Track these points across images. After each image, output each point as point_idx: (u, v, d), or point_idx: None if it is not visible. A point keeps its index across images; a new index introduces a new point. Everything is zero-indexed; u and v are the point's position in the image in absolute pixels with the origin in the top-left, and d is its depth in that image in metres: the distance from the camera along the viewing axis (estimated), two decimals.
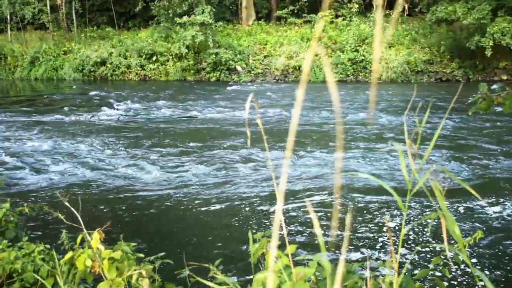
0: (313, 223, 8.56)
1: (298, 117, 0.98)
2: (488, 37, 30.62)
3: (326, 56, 1.00)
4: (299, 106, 1.01)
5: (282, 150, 13.78)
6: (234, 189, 10.61)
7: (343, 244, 1.04)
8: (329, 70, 1.02)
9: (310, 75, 33.99)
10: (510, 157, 12.96)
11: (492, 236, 8.13)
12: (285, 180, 1.06)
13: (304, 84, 1.00)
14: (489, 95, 3.88)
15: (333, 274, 2.40)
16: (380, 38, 1.10)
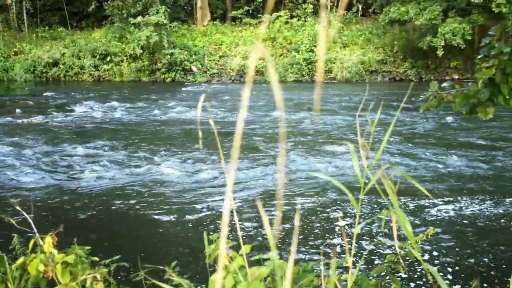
0: (272, 223, 8.58)
1: (244, 118, 0.97)
2: (440, 37, 31.28)
3: (270, 57, 0.99)
4: (245, 106, 1.00)
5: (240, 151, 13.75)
6: (190, 191, 10.56)
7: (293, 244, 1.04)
8: (272, 71, 1.02)
9: (266, 75, 34.09)
10: (461, 155, 13.24)
11: (443, 232, 8.28)
12: (232, 180, 1.05)
13: (249, 85, 0.99)
14: (439, 93, 3.94)
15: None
16: (324, 39, 1.10)
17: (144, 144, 15.01)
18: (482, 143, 14.80)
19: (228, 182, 1.03)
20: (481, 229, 8.47)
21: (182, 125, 18.39)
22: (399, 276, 6.34)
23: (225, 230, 1.03)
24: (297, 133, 16.60)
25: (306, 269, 2.57)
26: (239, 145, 0.99)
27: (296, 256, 1.18)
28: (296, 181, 11.09)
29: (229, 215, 1.05)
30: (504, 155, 13.15)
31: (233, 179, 1.04)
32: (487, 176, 11.46)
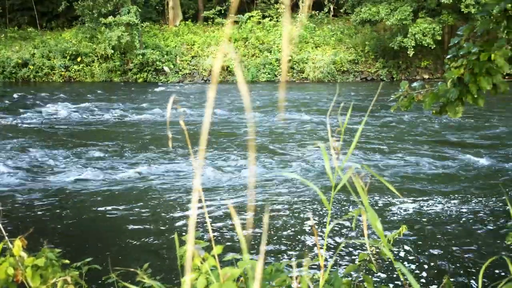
0: (245, 224, 8.58)
1: (210, 117, 0.97)
2: (410, 37, 31.63)
3: (237, 57, 0.98)
4: (211, 106, 0.99)
5: (210, 151, 13.75)
6: (162, 192, 10.50)
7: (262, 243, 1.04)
8: (239, 71, 1.02)
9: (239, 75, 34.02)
10: (431, 154, 13.39)
11: (415, 230, 8.37)
12: (199, 180, 1.04)
13: (214, 85, 0.99)
14: (410, 92, 3.98)
15: (262, 274, 2.40)
16: (287, 40, 1.10)
17: (115, 145, 14.89)
18: (452, 143, 15.00)
19: (195, 184, 1.03)
20: (451, 227, 8.58)
21: (154, 125, 18.30)
22: (372, 275, 6.39)
23: (192, 230, 1.03)
24: (269, 133, 16.63)
25: (279, 269, 2.58)
26: (206, 145, 0.98)
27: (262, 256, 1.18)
28: (267, 181, 11.11)
29: (201, 216, 1.05)
30: (473, 155, 13.33)
31: (200, 180, 1.04)
32: (456, 175, 11.61)
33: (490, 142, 15.00)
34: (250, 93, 17.11)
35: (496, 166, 12.24)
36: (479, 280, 1.92)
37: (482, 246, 7.80)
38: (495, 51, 3.66)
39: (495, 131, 16.72)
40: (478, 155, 13.20)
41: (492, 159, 12.84)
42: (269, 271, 2.40)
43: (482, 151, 13.73)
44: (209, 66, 34.74)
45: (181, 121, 1.26)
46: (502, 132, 16.57)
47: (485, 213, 9.20)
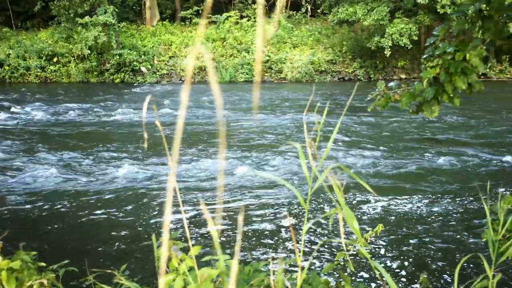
0: (221, 224, 8.56)
1: (184, 118, 0.96)
2: (387, 37, 31.85)
3: (210, 58, 0.98)
4: (185, 107, 0.99)
5: (186, 152, 13.72)
6: (139, 193, 10.45)
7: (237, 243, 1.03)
8: (211, 71, 1.01)
9: (217, 75, 34.03)
10: (407, 153, 13.50)
11: (392, 229, 8.43)
12: (174, 180, 1.04)
13: (188, 86, 0.99)
14: (386, 92, 4.00)
15: (239, 274, 2.39)
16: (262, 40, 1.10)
17: (92, 146, 14.77)
18: (428, 142, 15.12)
19: (169, 185, 1.02)
20: (428, 225, 8.65)
21: (131, 126, 18.19)
22: (350, 273, 6.42)
23: (167, 230, 1.02)
24: (246, 133, 16.64)
25: (257, 269, 2.57)
26: (184, 146, 0.98)
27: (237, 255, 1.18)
28: (244, 181, 11.11)
29: (179, 217, 1.04)
30: (449, 153, 13.46)
31: (175, 181, 1.03)
32: (433, 173, 11.71)
33: (466, 140, 15.16)
34: (228, 93, 17.18)
35: (472, 165, 12.38)
36: (455, 277, 1.93)
37: (458, 243, 7.88)
38: (470, 51, 3.70)
39: (470, 130, 16.90)
40: (454, 154, 13.33)
41: (468, 157, 12.99)
42: (247, 271, 2.40)
43: (458, 149, 13.87)
44: (187, 66, 34.61)
45: (157, 122, 1.25)
46: (477, 131, 16.76)
47: (461, 211, 9.30)
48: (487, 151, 13.65)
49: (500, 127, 17.34)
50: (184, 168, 12.12)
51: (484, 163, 12.52)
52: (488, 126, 17.58)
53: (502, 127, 17.33)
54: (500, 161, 12.66)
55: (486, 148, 14.01)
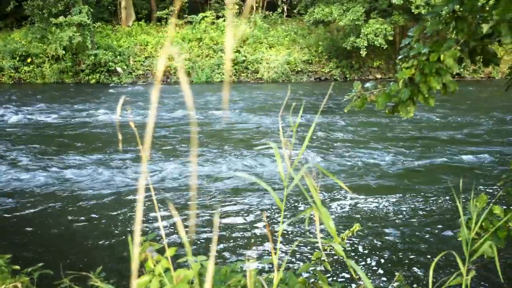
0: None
1: (154, 118, 0.97)
2: (363, 37, 32.07)
3: (181, 58, 0.99)
4: (155, 107, 0.99)
5: (161, 153, 13.68)
6: (114, 194, 10.39)
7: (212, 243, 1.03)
8: (182, 72, 1.02)
9: (192, 76, 34.00)
10: (384, 152, 13.60)
11: (368, 228, 8.49)
12: (145, 180, 1.04)
13: (158, 86, 0.99)
14: (362, 93, 4.03)
15: (216, 274, 2.40)
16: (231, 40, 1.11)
17: (66, 147, 14.65)
18: (403, 141, 15.25)
19: (140, 186, 1.03)
20: (404, 224, 8.73)
21: (106, 127, 18.07)
22: (327, 273, 6.45)
23: (138, 231, 1.02)
24: (222, 134, 16.64)
25: (234, 269, 2.58)
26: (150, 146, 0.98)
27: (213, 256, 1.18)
28: (220, 182, 11.11)
29: (155, 218, 1.04)
30: (424, 152, 13.60)
31: (145, 182, 1.03)
32: (408, 172, 11.83)
33: (440, 139, 15.32)
34: (204, 94, 17.17)
35: (446, 163, 12.52)
36: (429, 275, 1.96)
37: (433, 241, 7.96)
38: (444, 52, 3.74)
39: (444, 129, 17.08)
40: (428, 152, 13.47)
41: (442, 156, 13.13)
42: (224, 272, 2.40)
43: (432, 148, 14.02)
44: (163, 66, 34.47)
45: (131, 122, 1.25)
46: (451, 129, 16.94)
47: (436, 209, 9.40)
48: (461, 149, 13.81)
49: (473, 126, 17.55)
50: (158, 169, 12.08)
51: (458, 161, 12.67)
52: (462, 125, 17.79)
53: (475, 126, 17.55)
54: (473, 159, 12.81)
55: (459, 146, 14.17)
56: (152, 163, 12.56)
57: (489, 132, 16.48)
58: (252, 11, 39.65)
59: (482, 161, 12.73)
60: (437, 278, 2.26)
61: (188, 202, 9.84)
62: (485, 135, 16.00)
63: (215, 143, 14.99)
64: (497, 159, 12.83)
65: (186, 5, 39.33)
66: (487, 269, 6.64)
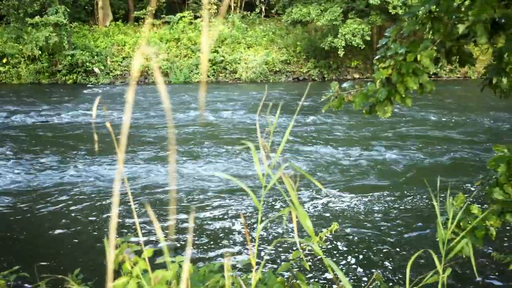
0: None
1: (129, 119, 0.96)
2: (340, 38, 32.21)
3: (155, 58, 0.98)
4: (130, 107, 0.99)
5: (138, 153, 13.62)
6: (91, 195, 10.31)
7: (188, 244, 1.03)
8: (157, 72, 1.01)
9: (170, 76, 33.90)
10: (361, 152, 13.68)
11: (346, 227, 8.53)
12: (119, 182, 1.04)
13: (133, 86, 0.99)
14: (340, 93, 4.05)
15: (195, 275, 2.39)
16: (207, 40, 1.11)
17: (42, 148, 14.50)
18: (381, 140, 15.35)
19: (115, 187, 1.02)
20: (381, 222, 8.79)
21: (82, 128, 17.92)
22: (306, 272, 6.47)
23: (113, 233, 1.02)
24: (200, 134, 16.60)
25: (213, 270, 2.58)
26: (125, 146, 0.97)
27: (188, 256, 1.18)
28: (198, 182, 11.09)
29: (132, 219, 1.03)
30: (402, 151, 13.70)
31: (121, 183, 1.03)
32: (386, 171, 11.90)
33: (419, 139, 15.44)
34: (181, 94, 17.08)
35: (424, 161, 12.62)
36: (407, 273, 1.97)
37: (411, 240, 8.02)
38: (421, 52, 3.77)
39: (421, 127, 17.22)
40: (407, 152, 13.57)
41: (421, 155, 13.24)
42: (202, 272, 2.40)
43: (411, 147, 14.12)
44: (141, 67, 34.30)
45: (107, 123, 1.24)
46: (428, 128, 17.09)
47: (414, 208, 9.48)
48: (438, 149, 13.94)
49: (450, 125, 17.72)
50: (135, 170, 12.02)
51: (436, 160, 12.78)
52: (439, 124, 17.95)
53: (452, 125, 17.72)
54: (451, 158, 12.94)
55: (437, 146, 14.30)
56: (129, 164, 12.50)
57: (466, 132, 16.66)
58: (230, 11, 39.61)
59: (461, 160, 12.86)
60: (415, 277, 2.29)
61: (166, 203, 9.80)
62: (462, 135, 16.16)
63: (193, 144, 14.95)
64: (475, 159, 12.97)
65: (163, 5, 39.18)
66: (463, 267, 6.72)
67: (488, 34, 3.80)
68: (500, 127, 17.51)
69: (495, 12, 3.63)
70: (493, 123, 18.25)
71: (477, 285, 6.52)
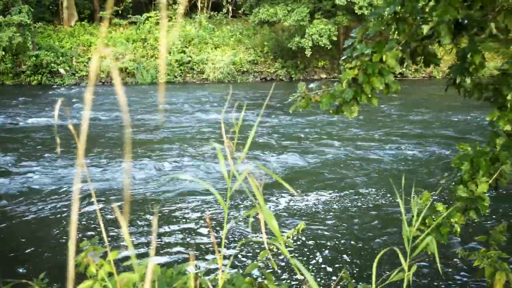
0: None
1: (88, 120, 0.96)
2: (307, 38, 32.36)
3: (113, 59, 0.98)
4: (88, 108, 0.98)
5: (101, 155, 13.50)
6: (53, 197, 10.18)
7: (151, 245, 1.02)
8: (116, 74, 1.01)
9: (137, 76, 33.67)
10: (327, 151, 13.77)
11: (314, 226, 8.58)
12: (78, 185, 1.03)
13: (92, 87, 0.98)
14: (307, 93, 4.07)
15: (162, 277, 2.38)
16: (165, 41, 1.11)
17: (4, 150, 14.27)
18: (346, 140, 15.47)
19: (74, 189, 1.02)
20: (348, 221, 8.86)
21: (45, 129, 17.69)
22: (276, 272, 6.49)
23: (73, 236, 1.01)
24: (165, 135, 16.52)
25: (181, 271, 2.57)
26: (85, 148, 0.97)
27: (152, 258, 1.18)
28: (164, 183, 11.04)
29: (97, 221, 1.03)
30: (367, 150, 13.83)
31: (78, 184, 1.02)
32: (352, 171, 12.00)
33: (386, 137, 15.60)
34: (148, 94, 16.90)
35: (392, 161, 12.76)
36: (373, 271, 2.00)
37: (377, 238, 8.11)
38: (386, 52, 3.81)
39: (386, 126, 17.40)
40: (374, 150, 13.70)
41: (387, 154, 13.38)
42: (170, 274, 2.39)
43: (378, 146, 14.26)
44: (108, 67, 33.97)
45: (70, 125, 1.23)
46: (393, 127, 17.27)
47: (379, 206, 9.58)
48: (405, 147, 14.10)
49: (416, 124, 17.94)
50: (98, 171, 11.90)
51: (403, 158, 12.93)
52: (404, 123, 18.17)
53: (418, 124, 17.94)
54: (417, 157, 13.10)
55: (404, 144, 14.47)
56: (92, 166, 12.37)
57: (431, 131, 16.88)
58: (197, 12, 39.51)
59: (426, 158, 13.03)
60: (382, 274, 2.32)
61: (132, 204, 9.73)
62: (428, 134, 16.38)
63: (158, 145, 14.87)
64: (441, 157, 13.15)
65: (130, 5, 38.88)
66: (428, 265, 6.81)
67: (452, 34, 3.86)
68: (466, 125, 17.79)
69: (458, 13, 3.69)
70: (458, 121, 18.54)
71: (442, 282, 6.62)
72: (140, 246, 7.75)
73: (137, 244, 7.81)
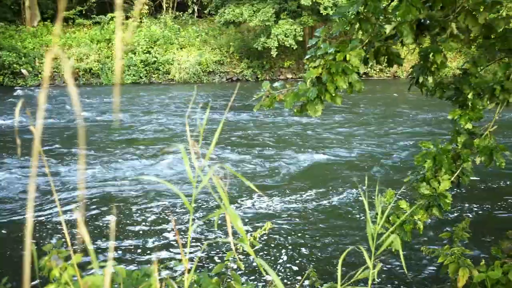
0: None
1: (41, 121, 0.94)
2: (273, 38, 32.43)
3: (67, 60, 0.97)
4: (42, 109, 0.97)
5: (61, 157, 13.35)
6: (15, 199, 10.02)
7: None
8: (69, 74, 1.00)
9: (102, 77, 33.36)
10: (293, 152, 13.82)
11: (281, 226, 8.61)
12: (33, 188, 1.01)
13: (45, 89, 0.97)
14: (271, 92, 4.08)
15: (128, 279, 2.36)
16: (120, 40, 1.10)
17: None
18: (312, 140, 15.56)
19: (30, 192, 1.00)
20: (314, 221, 8.92)
21: (7, 132, 17.41)
22: (243, 272, 6.49)
23: (29, 237, 0.99)
24: (129, 136, 16.40)
25: (146, 273, 2.55)
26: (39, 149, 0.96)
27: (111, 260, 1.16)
28: (128, 186, 10.95)
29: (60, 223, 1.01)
30: (332, 150, 13.93)
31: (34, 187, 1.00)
32: (318, 171, 12.08)
33: (350, 137, 15.73)
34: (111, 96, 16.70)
35: (354, 159, 12.87)
36: (338, 269, 2.01)
37: (342, 237, 8.17)
38: (349, 52, 3.84)
39: (352, 126, 17.55)
40: (338, 150, 13.81)
41: (350, 152, 13.49)
42: (135, 276, 2.37)
43: (342, 146, 14.37)
44: (72, 68, 33.53)
45: (31, 127, 1.21)
46: (359, 127, 17.43)
47: (344, 204, 9.66)
48: (368, 146, 14.24)
49: (379, 124, 18.13)
50: (59, 174, 11.76)
51: (366, 157, 13.05)
52: (367, 122, 18.34)
53: (381, 124, 18.13)
54: (381, 155, 13.24)
55: (367, 143, 14.61)
56: (53, 168, 12.22)
57: (395, 129, 17.08)
58: (162, 12, 39.29)
59: (390, 156, 13.17)
60: (348, 272, 2.34)
61: (92, 205, 9.63)
62: (391, 132, 16.56)
63: (120, 147, 14.75)
64: (405, 155, 13.31)
65: (94, 5, 38.46)
66: (394, 262, 6.89)
67: (414, 34, 3.91)
68: (429, 123, 18.03)
69: (420, 13, 3.74)
70: (422, 120, 18.79)
71: (407, 279, 6.70)
72: (105, 249, 7.67)
73: (104, 248, 7.73)
